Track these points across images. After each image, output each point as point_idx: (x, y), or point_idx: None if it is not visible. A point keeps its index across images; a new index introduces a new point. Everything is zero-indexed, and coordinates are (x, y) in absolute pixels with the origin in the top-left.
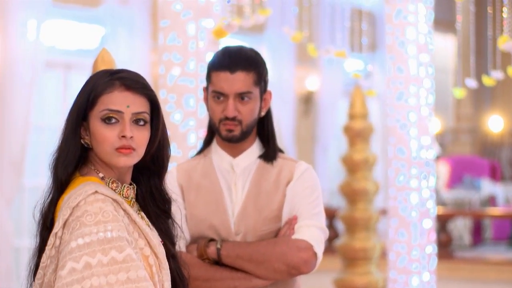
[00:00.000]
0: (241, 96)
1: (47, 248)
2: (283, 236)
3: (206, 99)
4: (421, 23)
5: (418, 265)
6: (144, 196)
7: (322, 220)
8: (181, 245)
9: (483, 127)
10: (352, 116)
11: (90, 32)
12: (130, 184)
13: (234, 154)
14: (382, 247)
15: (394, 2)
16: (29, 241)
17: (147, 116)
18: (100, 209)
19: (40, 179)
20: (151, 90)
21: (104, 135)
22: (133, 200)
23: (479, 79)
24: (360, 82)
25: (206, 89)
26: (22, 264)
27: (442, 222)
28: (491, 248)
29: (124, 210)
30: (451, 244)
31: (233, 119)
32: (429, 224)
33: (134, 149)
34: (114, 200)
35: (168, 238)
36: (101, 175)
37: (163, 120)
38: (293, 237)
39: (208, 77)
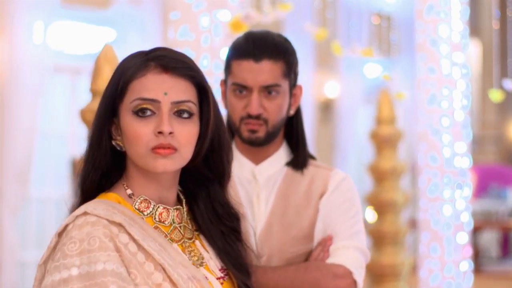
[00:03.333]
0: (268, 90)
1: (34, 284)
2: (315, 260)
3: (224, 94)
4: (455, 19)
5: (452, 283)
6: (204, 213)
7: (363, 241)
8: None
9: (508, 134)
10: (379, 122)
11: (100, 35)
12: (178, 204)
13: (257, 160)
14: (410, 263)
15: None
16: (35, 254)
17: (192, 106)
18: (87, 235)
19: (48, 189)
20: (198, 71)
21: (136, 132)
22: (175, 225)
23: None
24: (387, 85)
25: (224, 82)
26: (28, 278)
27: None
28: None
29: (130, 234)
30: (478, 257)
31: (257, 117)
32: (464, 238)
33: (175, 149)
34: (112, 222)
35: (239, 267)
36: (129, 191)
37: (217, 111)
38: (328, 261)
39: (228, 68)
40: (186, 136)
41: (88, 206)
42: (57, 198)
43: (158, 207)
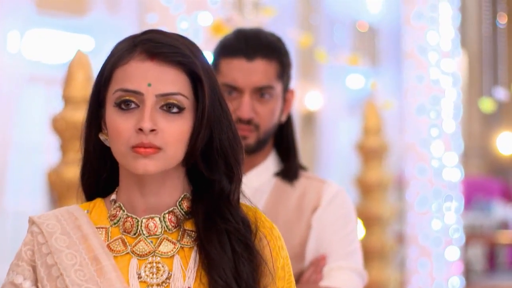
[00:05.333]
0: (260, 92)
1: None
2: (307, 282)
3: None
4: (445, 26)
5: None
6: (202, 220)
7: (359, 261)
8: None
9: (492, 146)
10: (365, 133)
11: (78, 43)
12: (172, 211)
13: (243, 169)
14: (397, 279)
15: (412, 1)
16: None
17: (182, 100)
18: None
19: (24, 202)
20: (191, 57)
21: (117, 127)
22: (143, 236)
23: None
24: (372, 94)
25: None
26: None
27: None
28: (506, 276)
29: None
30: (463, 271)
31: (248, 122)
32: (455, 253)
33: (159, 148)
34: (40, 233)
35: (233, 279)
36: (113, 196)
37: (216, 103)
38: (321, 284)
39: (215, 67)
40: (173, 134)
41: (41, 214)
42: (33, 211)
43: (123, 214)
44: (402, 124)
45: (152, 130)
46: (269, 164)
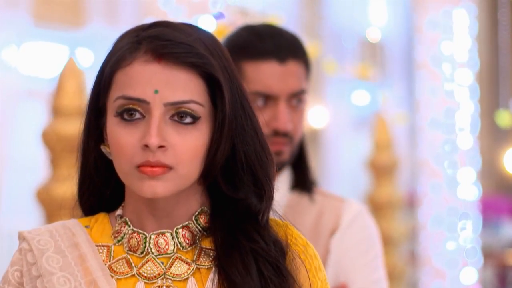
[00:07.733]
0: (297, 98)
1: None
2: None
3: None
4: (461, 35)
5: None
6: (223, 240)
7: None
8: None
9: (500, 163)
10: (375, 148)
11: (76, 57)
12: (184, 227)
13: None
14: None
15: (424, 9)
16: None
17: (197, 108)
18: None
19: (19, 222)
20: (208, 56)
21: (119, 142)
22: (151, 256)
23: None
24: (381, 109)
25: None
26: None
27: None
28: None
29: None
30: None
31: (285, 134)
32: (471, 275)
33: (169, 167)
34: (30, 250)
35: None
36: (119, 212)
37: (239, 110)
38: None
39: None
40: (186, 150)
41: (32, 229)
42: None
43: (128, 230)
44: (414, 139)
45: (161, 147)
46: (285, 177)
